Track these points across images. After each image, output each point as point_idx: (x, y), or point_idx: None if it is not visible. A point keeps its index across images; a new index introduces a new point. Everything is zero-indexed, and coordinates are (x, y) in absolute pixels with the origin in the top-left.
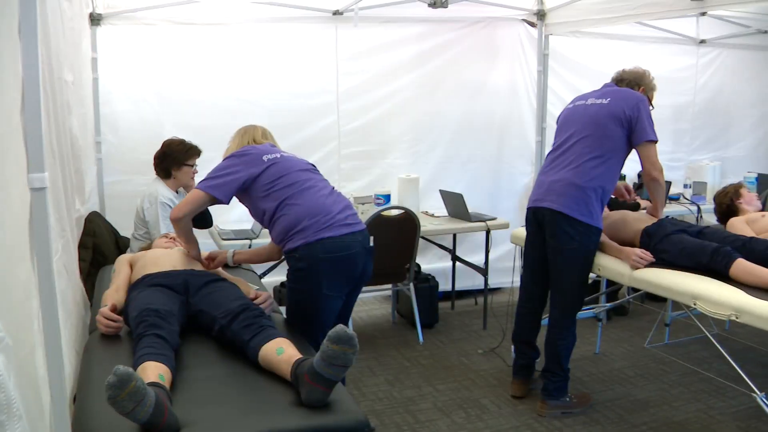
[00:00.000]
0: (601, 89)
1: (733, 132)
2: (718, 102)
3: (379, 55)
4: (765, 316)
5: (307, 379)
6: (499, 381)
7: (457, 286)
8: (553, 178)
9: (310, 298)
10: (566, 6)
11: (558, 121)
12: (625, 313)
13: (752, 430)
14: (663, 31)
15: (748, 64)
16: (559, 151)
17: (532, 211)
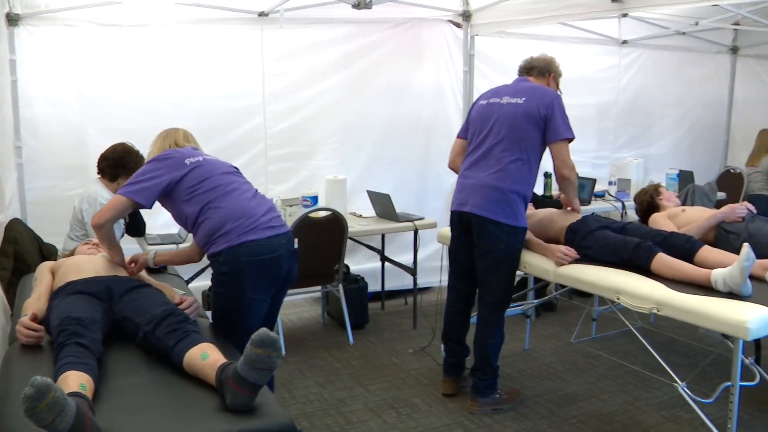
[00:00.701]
0: (514, 85)
1: (656, 130)
2: (640, 101)
3: (305, 56)
4: (685, 308)
5: (231, 383)
6: (430, 380)
7: (387, 286)
8: (474, 182)
9: (235, 302)
10: (491, 7)
11: (470, 116)
12: (553, 309)
13: (676, 419)
14: (586, 32)
15: (668, 64)
16: (479, 152)
17: (457, 214)
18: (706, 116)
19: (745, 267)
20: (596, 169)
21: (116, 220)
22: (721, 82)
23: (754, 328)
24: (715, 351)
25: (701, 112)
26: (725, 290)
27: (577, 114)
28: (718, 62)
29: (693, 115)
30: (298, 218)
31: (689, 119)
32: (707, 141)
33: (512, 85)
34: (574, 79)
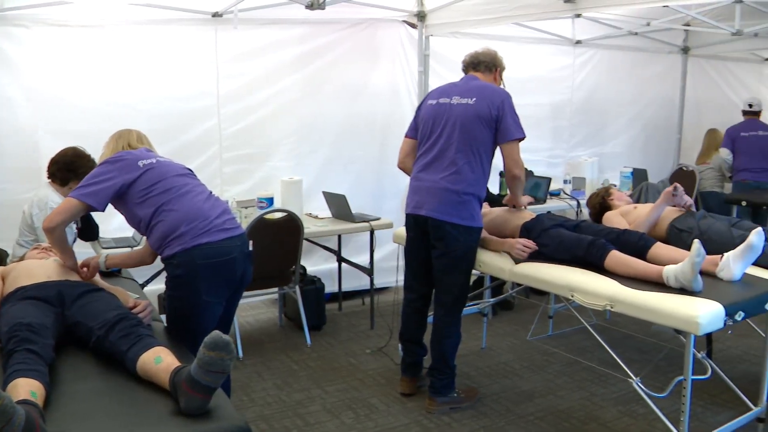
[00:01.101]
0: (463, 84)
1: (610, 129)
2: (594, 100)
3: (260, 57)
4: (637, 304)
5: (185, 387)
6: (388, 380)
7: (344, 286)
8: (429, 184)
9: (190, 305)
10: (446, 7)
11: (419, 116)
12: (510, 307)
13: (631, 413)
14: (541, 32)
15: (621, 64)
16: (431, 154)
17: (413, 217)
18: (659, 115)
19: (696, 263)
20: (551, 167)
21: (68, 224)
22: (673, 81)
23: (705, 323)
24: (668, 346)
25: (654, 112)
26: (677, 286)
27: (532, 113)
28: (670, 62)
29: (646, 114)
30: (254, 220)
31: (642, 118)
32: (660, 139)
33: (461, 83)
34: (528, 78)
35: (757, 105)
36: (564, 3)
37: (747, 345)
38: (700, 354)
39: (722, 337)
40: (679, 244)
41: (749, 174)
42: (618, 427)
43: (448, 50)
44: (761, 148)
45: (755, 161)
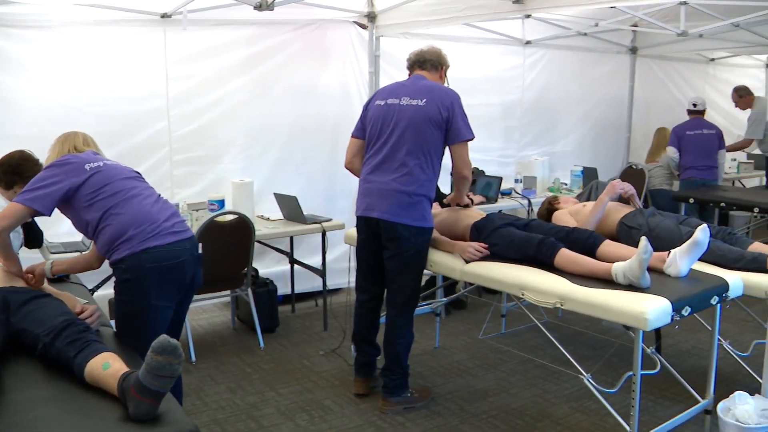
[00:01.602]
0: (412, 84)
1: (560, 128)
2: (544, 100)
3: (209, 58)
4: (587, 302)
5: (133, 392)
6: (341, 381)
7: (297, 288)
8: (380, 186)
9: (139, 310)
10: (396, 8)
11: (367, 116)
12: (463, 306)
13: (584, 409)
14: (491, 33)
15: (571, 64)
16: (381, 155)
17: (364, 219)
18: (608, 114)
19: (644, 260)
20: (502, 167)
21: (13, 229)
22: (621, 81)
23: (653, 319)
24: (618, 342)
25: (603, 111)
26: (625, 283)
27: (482, 113)
28: (618, 62)
29: (595, 113)
30: (205, 222)
31: (592, 117)
32: (610, 138)
33: (409, 83)
34: (479, 79)
35: (701, 104)
36: (513, 4)
37: (696, 339)
38: (649, 349)
39: (672, 332)
40: (629, 241)
41: (695, 171)
42: (570, 423)
43: (399, 51)
44: (706, 146)
45: (701, 159)
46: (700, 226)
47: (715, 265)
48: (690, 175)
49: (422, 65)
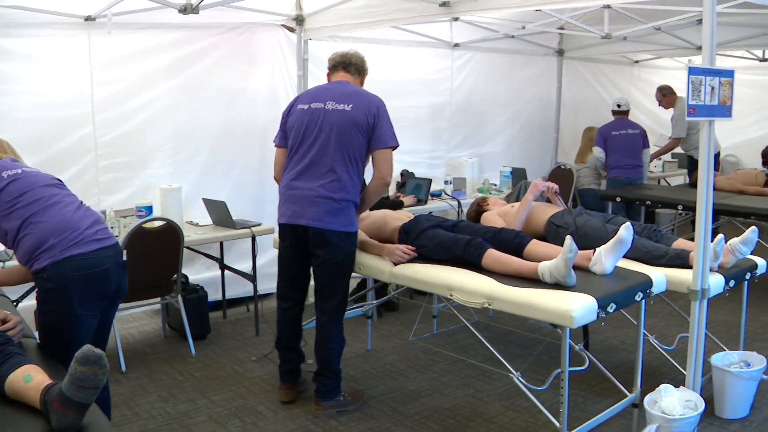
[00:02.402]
0: (336, 88)
1: (489, 129)
2: (472, 101)
3: (136, 62)
4: (514, 301)
5: (56, 405)
6: (274, 386)
7: (228, 294)
8: (307, 193)
9: (63, 320)
10: (324, 11)
11: (288, 122)
12: (395, 308)
13: (515, 407)
14: (419, 35)
15: (499, 66)
16: (306, 161)
17: (291, 227)
18: (537, 115)
19: (569, 258)
20: (432, 169)
21: None
22: (549, 82)
23: (578, 316)
24: (547, 340)
25: (531, 112)
26: (552, 281)
27: (411, 115)
28: (545, 64)
29: (524, 114)
30: (132, 229)
31: (520, 118)
32: (538, 139)
33: (334, 87)
34: (408, 81)
35: (625, 105)
36: (439, 7)
37: (624, 335)
38: (577, 346)
39: (600, 328)
40: (557, 240)
41: (621, 171)
42: (502, 421)
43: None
44: (631, 145)
45: (626, 158)
46: (623, 225)
47: (640, 262)
48: (616, 174)
49: (347, 68)
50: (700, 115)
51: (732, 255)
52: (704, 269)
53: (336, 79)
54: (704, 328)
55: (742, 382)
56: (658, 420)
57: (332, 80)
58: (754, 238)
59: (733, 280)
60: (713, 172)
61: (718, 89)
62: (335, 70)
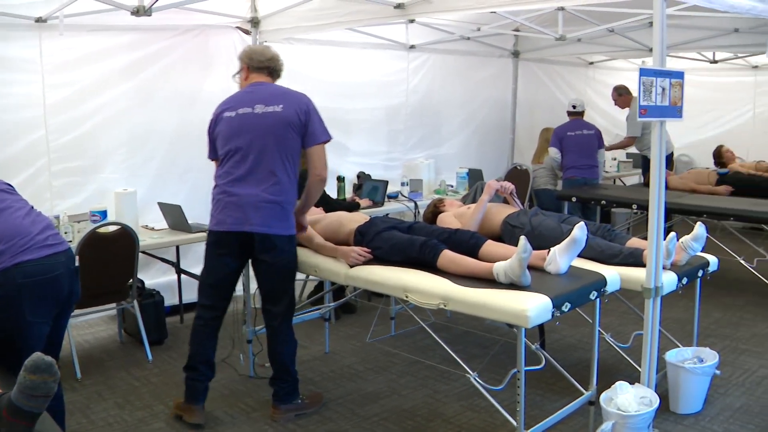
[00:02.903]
0: (262, 91)
1: (444, 131)
2: (428, 103)
3: (89, 65)
4: (469, 302)
5: (5, 415)
6: (232, 391)
7: (185, 298)
8: (249, 199)
9: (14, 327)
10: (279, 13)
11: (216, 131)
12: (353, 310)
13: (474, 407)
14: (375, 38)
15: (455, 68)
16: (246, 166)
17: (234, 234)
18: (492, 116)
19: (523, 258)
20: (388, 170)
21: None
22: (504, 84)
23: (533, 316)
24: (503, 339)
25: (487, 113)
26: (507, 282)
27: (368, 117)
28: (501, 65)
29: (480, 115)
30: (86, 234)
31: (476, 120)
32: (494, 140)
33: (259, 90)
34: (364, 83)
35: (580, 106)
36: (394, 9)
37: (581, 333)
38: (534, 345)
39: (557, 327)
40: (513, 240)
41: (577, 171)
42: (461, 421)
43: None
44: (586, 146)
45: (582, 159)
46: (577, 225)
47: (595, 261)
48: (572, 174)
49: (272, 72)
50: (651, 115)
51: (684, 252)
52: (657, 267)
53: (254, 81)
54: (658, 326)
55: (696, 377)
56: (614, 417)
57: (250, 82)
58: (704, 233)
59: (686, 277)
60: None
61: (668, 90)
62: (250, 71)
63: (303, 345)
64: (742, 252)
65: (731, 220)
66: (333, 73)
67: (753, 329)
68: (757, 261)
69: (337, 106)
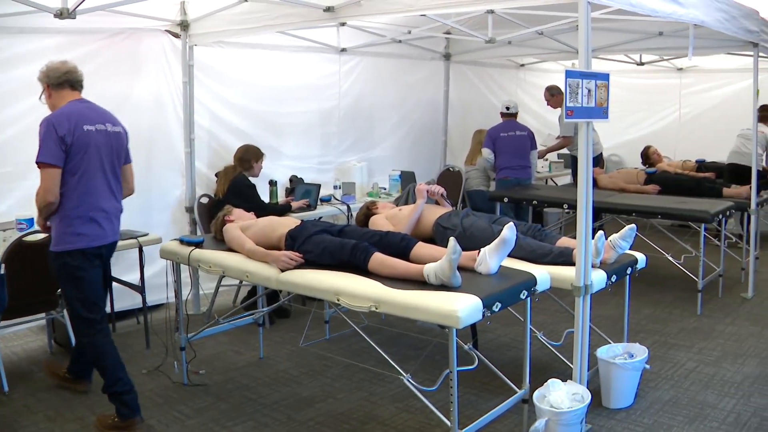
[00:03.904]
0: (97, 109)
1: (377, 133)
2: (361, 106)
3: (13, 69)
4: (400, 304)
5: None
6: (166, 399)
7: (116, 306)
8: (115, 212)
9: None
10: (209, 17)
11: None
12: (287, 314)
13: (409, 409)
14: (307, 41)
15: (386, 71)
16: (109, 179)
17: (106, 246)
18: (425, 119)
19: (453, 260)
20: (321, 174)
21: None
22: (436, 86)
23: (464, 316)
24: (436, 340)
25: (419, 115)
26: (437, 283)
27: (300, 121)
28: (433, 68)
29: (412, 117)
30: (12, 242)
31: (409, 122)
32: (426, 142)
33: (94, 108)
34: (296, 86)
35: (514, 107)
36: (324, 12)
37: (514, 332)
38: (466, 346)
39: (492, 327)
40: (445, 242)
41: (510, 171)
42: (396, 423)
43: (215, 60)
44: (519, 147)
45: (515, 159)
46: (506, 225)
47: (525, 261)
48: (505, 175)
49: (76, 86)
50: (577, 116)
51: (613, 251)
52: (586, 266)
53: (75, 98)
54: (589, 323)
55: (626, 372)
56: (547, 414)
57: (71, 99)
58: (632, 232)
59: (615, 275)
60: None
61: (594, 92)
62: (65, 88)
63: (237, 351)
64: (670, 249)
65: (659, 218)
66: (265, 77)
67: (681, 324)
68: (684, 257)
69: (269, 109)
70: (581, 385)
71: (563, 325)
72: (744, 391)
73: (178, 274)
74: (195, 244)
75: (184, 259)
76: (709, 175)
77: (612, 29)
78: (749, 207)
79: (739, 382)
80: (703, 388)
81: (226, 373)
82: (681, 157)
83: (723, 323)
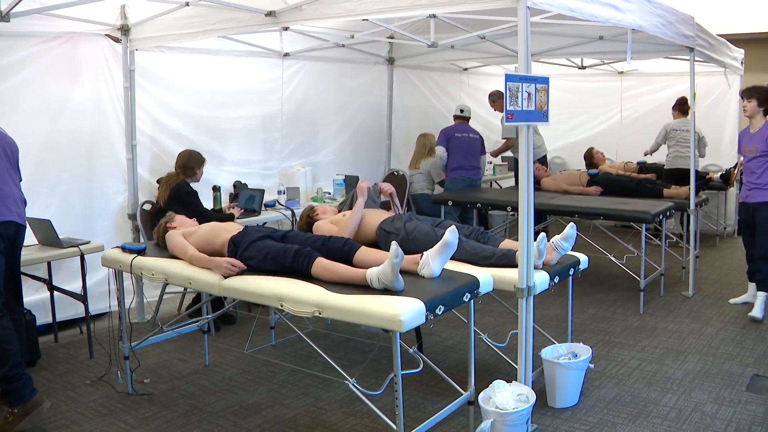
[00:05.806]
0: None
1: (321, 138)
2: (304, 111)
3: None
4: (343, 308)
5: None
6: (110, 409)
7: (58, 316)
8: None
9: None
10: (150, 21)
11: None
12: (232, 321)
13: (356, 413)
14: (249, 45)
15: (330, 75)
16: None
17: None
18: (369, 123)
19: (395, 264)
20: (265, 179)
21: None
22: (380, 90)
23: (407, 320)
24: (380, 344)
25: (363, 119)
26: (380, 287)
27: (243, 126)
28: (376, 72)
29: (356, 122)
30: None
31: (352, 126)
32: (371, 146)
33: None
34: (238, 91)
35: (467, 111)
36: (265, 17)
37: (460, 335)
38: (411, 349)
39: (437, 329)
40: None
41: (463, 171)
42: (343, 428)
43: (155, 65)
44: (472, 148)
45: (468, 160)
46: (449, 228)
47: (468, 263)
48: (458, 174)
49: None
50: (518, 120)
51: (555, 252)
52: (528, 267)
53: None
54: (532, 324)
55: (571, 372)
56: (493, 415)
57: None
58: (573, 233)
59: (557, 276)
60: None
61: (534, 95)
62: None
63: (182, 359)
64: (612, 249)
65: (601, 219)
66: (207, 82)
67: (624, 323)
68: (626, 257)
69: (211, 114)
70: (526, 385)
71: (508, 326)
72: (685, 387)
73: (121, 282)
74: (137, 252)
75: (127, 266)
76: (650, 176)
77: (553, 33)
78: (688, 207)
79: (680, 379)
80: (646, 386)
81: (171, 382)
82: (623, 159)
83: (665, 321)
